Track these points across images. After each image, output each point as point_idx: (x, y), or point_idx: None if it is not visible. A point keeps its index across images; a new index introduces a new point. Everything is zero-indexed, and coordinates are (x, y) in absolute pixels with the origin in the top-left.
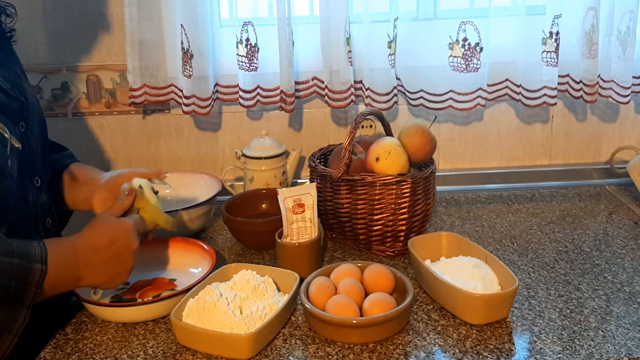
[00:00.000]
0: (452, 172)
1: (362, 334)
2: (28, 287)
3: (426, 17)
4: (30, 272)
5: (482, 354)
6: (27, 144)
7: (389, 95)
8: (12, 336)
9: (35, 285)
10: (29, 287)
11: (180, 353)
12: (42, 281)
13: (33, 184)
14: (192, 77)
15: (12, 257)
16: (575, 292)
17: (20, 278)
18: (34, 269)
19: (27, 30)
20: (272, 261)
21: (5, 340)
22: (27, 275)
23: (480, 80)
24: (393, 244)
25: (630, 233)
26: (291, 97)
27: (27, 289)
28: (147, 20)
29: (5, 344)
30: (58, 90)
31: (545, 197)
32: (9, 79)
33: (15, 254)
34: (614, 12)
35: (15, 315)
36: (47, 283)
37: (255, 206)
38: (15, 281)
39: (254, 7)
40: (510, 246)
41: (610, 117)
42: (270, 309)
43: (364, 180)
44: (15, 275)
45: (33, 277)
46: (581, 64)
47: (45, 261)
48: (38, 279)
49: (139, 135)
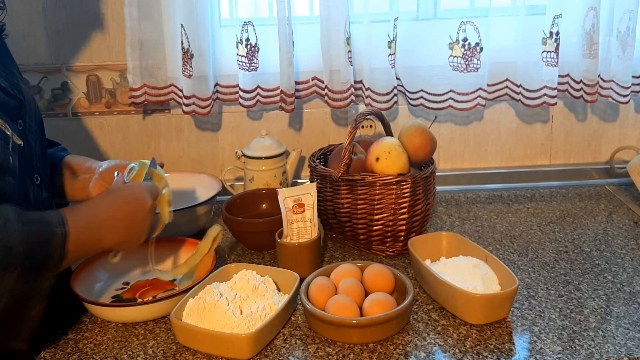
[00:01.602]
0: (452, 172)
1: (362, 334)
2: (52, 250)
3: (426, 17)
4: (52, 235)
5: (482, 354)
6: (25, 141)
7: (389, 95)
8: (41, 300)
9: (59, 247)
10: (53, 250)
11: (180, 353)
12: (65, 243)
13: (33, 181)
14: (192, 77)
15: (33, 224)
16: (575, 292)
17: (44, 243)
18: (55, 233)
19: (27, 30)
20: (272, 261)
21: (35, 306)
22: (50, 240)
23: (480, 80)
24: (393, 244)
25: (630, 233)
26: (291, 97)
27: (51, 252)
28: (147, 20)
29: (35, 309)
30: (58, 90)
31: (545, 197)
32: (5, 76)
33: (35, 221)
34: (614, 12)
35: (42, 280)
36: (70, 245)
37: (255, 206)
38: (39, 247)
39: (254, 7)
40: (510, 246)
41: (610, 117)
42: (270, 309)
43: (364, 180)
44: (39, 241)
45: (56, 241)
46: (581, 64)
47: (64, 224)
48: (60, 241)
49: (139, 135)
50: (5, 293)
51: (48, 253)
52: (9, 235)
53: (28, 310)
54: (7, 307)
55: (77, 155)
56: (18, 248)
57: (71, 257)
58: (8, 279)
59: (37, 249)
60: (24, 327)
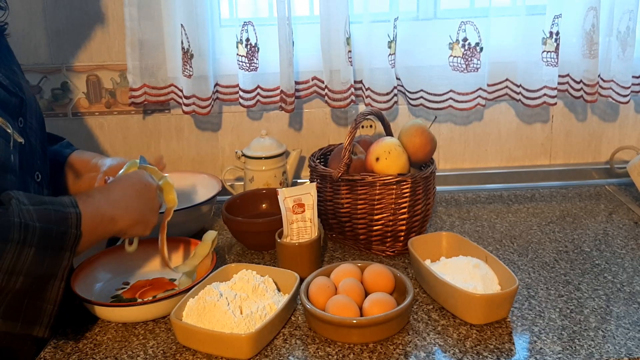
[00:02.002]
0: (452, 172)
1: (362, 334)
2: (68, 229)
3: (426, 17)
4: (67, 215)
5: (482, 354)
6: (26, 139)
7: (389, 95)
8: (59, 281)
9: (75, 227)
10: (69, 229)
11: (180, 353)
12: (80, 223)
13: (34, 179)
14: (192, 77)
15: (46, 204)
16: (575, 292)
17: (59, 222)
18: (70, 212)
19: (27, 30)
20: (272, 261)
21: (54, 286)
22: (65, 219)
23: (480, 80)
24: (393, 244)
25: (630, 233)
26: (291, 97)
27: (67, 231)
28: (147, 20)
29: (54, 290)
30: (58, 90)
31: (545, 197)
32: (6, 74)
33: (47, 202)
34: (614, 12)
35: (59, 258)
36: (85, 225)
37: (255, 206)
38: (56, 225)
39: (254, 7)
40: (510, 246)
41: (610, 117)
42: (270, 309)
43: (364, 180)
44: (54, 220)
45: (71, 219)
46: (581, 64)
47: (76, 205)
48: (75, 220)
49: (139, 135)
50: (22, 271)
51: (64, 231)
52: (23, 214)
53: (47, 292)
54: (25, 287)
55: (83, 151)
56: (34, 224)
57: (87, 238)
58: (25, 257)
59: (52, 227)
60: (44, 311)
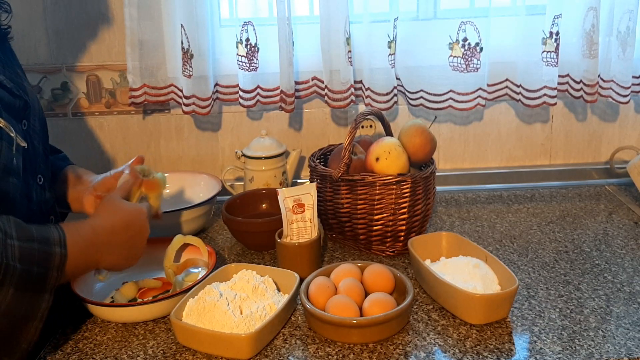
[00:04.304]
0: (452, 172)
1: (362, 334)
2: (50, 271)
3: (426, 17)
4: (51, 256)
5: (482, 354)
6: (29, 142)
7: (389, 95)
8: (37, 322)
9: (57, 269)
10: (51, 271)
11: (180, 353)
12: (63, 265)
13: (36, 181)
14: (192, 77)
15: (32, 242)
16: (575, 292)
17: (42, 263)
18: (54, 253)
19: (27, 30)
20: (272, 261)
21: (31, 327)
22: (48, 260)
23: (480, 80)
24: (393, 244)
25: (630, 233)
26: (291, 97)
27: (48, 273)
28: (147, 20)
29: (31, 331)
30: (58, 90)
31: (545, 197)
32: (10, 77)
33: (35, 238)
34: (614, 12)
35: (38, 300)
36: (68, 266)
37: (255, 206)
38: (37, 266)
39: (254, 7)
40: (510, 246)
41: (610, 117)
42: (270, 309)
43: (364, 180)
44: (37, 260)
45: (54, 261)
46: (581, 64)
47: (64, 245)
48: (59, 262)
49: (139, 135)
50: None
51: (45, 273)
52: (7, 250)
53: (23, 332)
54: (1, 327)
55: (77, 167)
56: (14, 265)
57: (69, 277)
58: (3, 296)
59: (33, 269)
60: (18, 349)
